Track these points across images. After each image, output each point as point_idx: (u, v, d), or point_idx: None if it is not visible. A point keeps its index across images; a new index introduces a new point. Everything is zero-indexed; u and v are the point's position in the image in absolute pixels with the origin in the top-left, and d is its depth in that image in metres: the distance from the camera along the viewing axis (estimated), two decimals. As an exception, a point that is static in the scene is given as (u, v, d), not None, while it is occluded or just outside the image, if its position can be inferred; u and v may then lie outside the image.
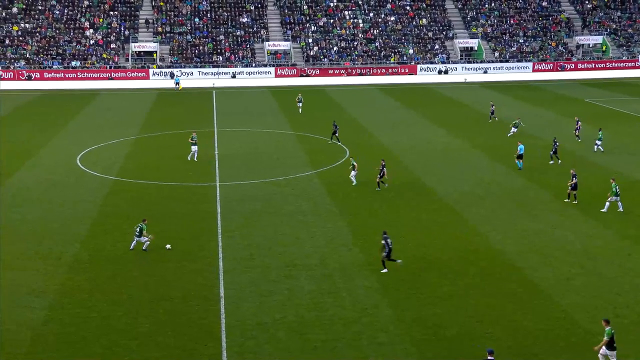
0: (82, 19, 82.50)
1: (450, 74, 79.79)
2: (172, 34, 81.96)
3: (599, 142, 41.67)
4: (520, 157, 37.66)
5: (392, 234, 27.90)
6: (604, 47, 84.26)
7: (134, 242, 26.47)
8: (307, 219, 29.42)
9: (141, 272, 24.50)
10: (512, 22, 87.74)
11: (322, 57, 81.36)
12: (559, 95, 67.06)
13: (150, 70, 76.48)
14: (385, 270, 24.17)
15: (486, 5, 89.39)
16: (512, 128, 47.17)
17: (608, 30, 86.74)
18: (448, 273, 24.17)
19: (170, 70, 76.66)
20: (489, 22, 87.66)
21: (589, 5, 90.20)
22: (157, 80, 75.60)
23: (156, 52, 79.29)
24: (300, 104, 57.69)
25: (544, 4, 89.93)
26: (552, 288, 22.94)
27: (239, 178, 36.50)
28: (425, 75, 79.40)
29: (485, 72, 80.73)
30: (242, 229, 28.76)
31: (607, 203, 30.60)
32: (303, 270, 24.58)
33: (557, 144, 39.28)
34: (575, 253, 25.91)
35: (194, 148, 40.17)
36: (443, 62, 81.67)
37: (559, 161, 38.72)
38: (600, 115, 54.53)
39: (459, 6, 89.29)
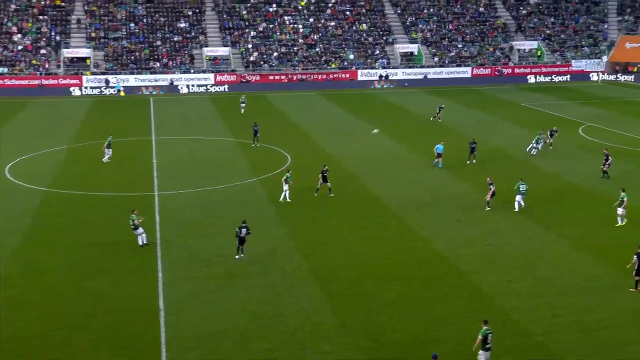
0: (9, 24, 79.88)
1: (391, 78, 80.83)
2: (106, 40, 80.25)
3: (538, 145, 42.87)
4: (439, 155, 39.41)
5: (335, 241, 28.01)
6: (539, 52, 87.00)
7: (139, 238, 27.13)
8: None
9: (76, 286, 23.80)
10: (450, 27, 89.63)
11: (262, 62, 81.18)
12: (498, 100, 68.82)
13: (84, 77, 74.62)
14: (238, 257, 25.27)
15: (425, 11, 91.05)
16: (534, 144, 42.94)
17: (542, 35, 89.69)
18: (392, 279, 24.36)
19: (105, 77, 74.99)
20: (428, 27, 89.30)
21: (524, 11, 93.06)
22: (91, 87, 73.80)
23: (90, 58, 77.46)
24: (244, 105, 58.94)
25: (481, 9, 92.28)
26: (494, 291, 23.40)
27: (178, 187, 35.95)
28: (366, 80, 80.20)
29: (425, 77, 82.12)
30: (181, 239, 28.31)
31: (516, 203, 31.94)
32: (243, 280, 24.34)
33: (475, 144, 40.90)
34: (516, 256, 26.53)
35: (108, 151, 41.27)
36: (384, 67, 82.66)
37: (474, 161, 40.44)
38: (539, 120, 56.17)
39: (399, 11, 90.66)
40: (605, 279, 24.28)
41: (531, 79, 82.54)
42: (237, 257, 26.18)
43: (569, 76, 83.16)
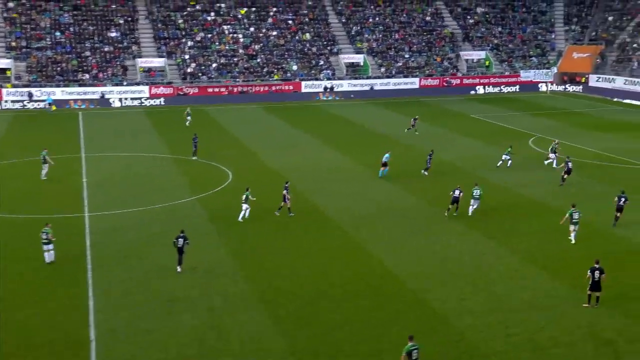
0: None
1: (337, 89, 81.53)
2: (29, 49, 78.33)
3: (506, 156, 44.20)
4: (384, 164, 40.96)
5: (281, 261, 27.92)
6: (487, 62, 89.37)
7: (46, 254, 27.15)
8: (187, 248, 28.81)
9: (-2, 318, 22.93)
10: (397, 37, 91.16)
11: (200, 74, 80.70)
12: (446, 111, 70.24)
13: (4, 90, 72.56)
14: None
15: (370, 20, 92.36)
16: (551, 154, 44.13)
17: (490, 45, 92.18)
18: (342, 299, 24.39)
19: (28, 89, 73.07)
20: (374, 36, 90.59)
21: (471, 20, 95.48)
22: (12, 101, 71.73)
23: (10, 69, 75.41)
24: (189, 118, 60.09)
25: (428, 18, 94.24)
26: (447, 309, 23.69)
27: (110, 207, 35.22)
28: (311, 92, 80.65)
29: (372, 88, 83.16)
30: (115, 263, 27.70)
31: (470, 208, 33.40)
32: (185, 303, 23.98)
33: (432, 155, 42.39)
34: (468, 271, 26.96)
35: (45, 167, 40.90)
36: (329, 79, 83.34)
37: (426, 173, 41.67)
38: (489, 131, 57.51)
39: (343, 20, 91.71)
40: (558, 294, 24.89)
41: (480, 90, 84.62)
42: (178, 269, 26.54)
43: (517, 87, 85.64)
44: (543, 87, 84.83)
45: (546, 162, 44.42)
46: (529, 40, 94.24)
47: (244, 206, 32.92)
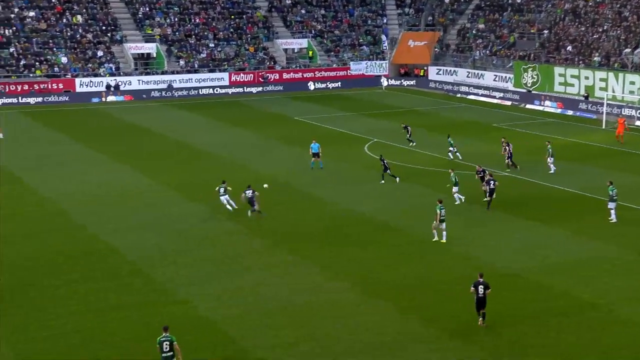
0: None
1: (123, 88, 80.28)
2: None
3: (452, 149, 50.11)
4: (315, 155, 47.82)
5: (55, 320, 27.00)
6: (311, 53, 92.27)
7: None
8: None
9: None
10: (197, 21, 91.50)
11: None
12: (264, 113, 71.56)
13: None
14: None
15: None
16: (550, 158, 46.80)
17: (313, 32, 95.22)
18: None
19: None
20: (168, 20, 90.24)
21: (288, 1, 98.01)
22: None
23: None
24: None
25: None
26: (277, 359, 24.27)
27: None
28: (89, 92, 78.72)
29: (170, 86, 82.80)
30: None
31: None
32: None
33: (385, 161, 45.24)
34: (293, 312, 27.69)
35: None
36: (112, 74, 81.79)
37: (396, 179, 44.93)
38: (320, 137, 59.35)
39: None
40: (406, 333, 26.21)
41: (304, 86, 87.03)
42: None
43: (347, 81, 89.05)
44: (385, 82, 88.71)
45: (551, 166, 46.87)
46: (357, 25, 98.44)
47: (224, 199, 38.67)
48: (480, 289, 25.55)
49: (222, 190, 39.01)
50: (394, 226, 37.21)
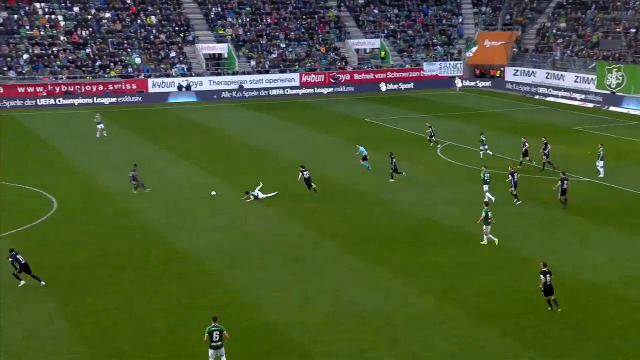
0: None
1: (195, 89, 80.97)
2: None
3: (484, 146, 50.88)
4: (365, 158, 47.45)
5: (127, 317, 27.05)
6: (383, 53, 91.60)
7: None
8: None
9: None
10: (269, 20, 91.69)
11: (6, 68, 77.64)
12: (334, 114, 71.19)
13: None
14: None
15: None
16: (599, 162, 46.34)
17: (386, 31, 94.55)
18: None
19: None
20: (240, 20, 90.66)
21: (360, 1, 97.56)
22: None
23: None
24: (101, 126, 59.41)
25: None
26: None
27: None
28: (161, 92, 79.61)
29: (241, 86, 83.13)
30: None
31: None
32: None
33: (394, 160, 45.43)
34: (366, 316, 27.20)
35: None
36: (183, 74, 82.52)
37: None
38: (390, 140, 58.74)
39: None
40: (482, 342, 25.52)
41: (376, 87, 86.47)
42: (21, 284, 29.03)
43: (419, 82, 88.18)
44: (459, 83, 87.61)
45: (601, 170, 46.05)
46: (431, 25, 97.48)
47: (261, 195, 41.10)
48: (548, 277, 26.97)
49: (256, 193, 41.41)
50: (469, 231, 36.34)
